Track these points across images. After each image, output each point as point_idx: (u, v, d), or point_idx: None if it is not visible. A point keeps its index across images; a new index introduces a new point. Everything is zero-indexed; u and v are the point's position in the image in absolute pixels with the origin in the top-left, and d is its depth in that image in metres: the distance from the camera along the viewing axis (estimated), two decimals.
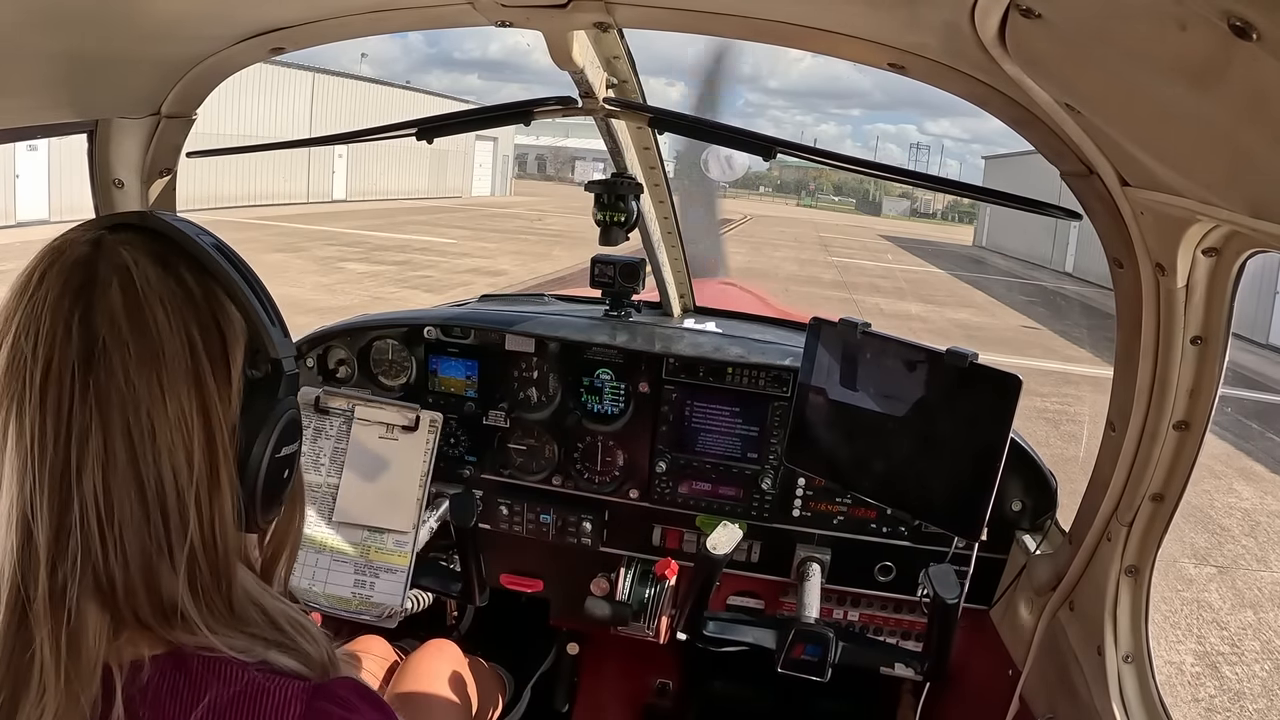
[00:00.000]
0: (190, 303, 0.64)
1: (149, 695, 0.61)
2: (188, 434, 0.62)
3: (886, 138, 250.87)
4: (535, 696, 2.24)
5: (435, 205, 29.03)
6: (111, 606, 0.61)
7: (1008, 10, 0.73)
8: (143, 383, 0.60)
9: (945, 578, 1.41)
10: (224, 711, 0.61)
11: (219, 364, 0.65)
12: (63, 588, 0.59)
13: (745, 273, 16.14)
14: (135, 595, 0.61)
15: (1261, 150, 0.60)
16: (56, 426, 0.59)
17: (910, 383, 1.44)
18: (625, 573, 1.92)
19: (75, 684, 0.58)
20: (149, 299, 0.62)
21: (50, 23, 0.96)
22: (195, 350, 0.63)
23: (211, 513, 0.63)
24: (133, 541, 0.60)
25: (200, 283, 0.66)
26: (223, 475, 0.64)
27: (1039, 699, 1.48)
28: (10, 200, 14.94)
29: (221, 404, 0.64)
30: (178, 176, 1.44)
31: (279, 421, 0.67)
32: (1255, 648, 4.25)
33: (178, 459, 0.61)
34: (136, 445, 0.60)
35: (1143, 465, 1.21)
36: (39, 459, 0.59)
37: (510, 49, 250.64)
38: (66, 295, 0.61)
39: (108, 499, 0.59)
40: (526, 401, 1.93)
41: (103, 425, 0.59)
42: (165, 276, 0.64)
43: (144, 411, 0.60)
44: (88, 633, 0.59)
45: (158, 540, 0.61)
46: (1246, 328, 14.13)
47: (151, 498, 0.61)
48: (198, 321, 0.64)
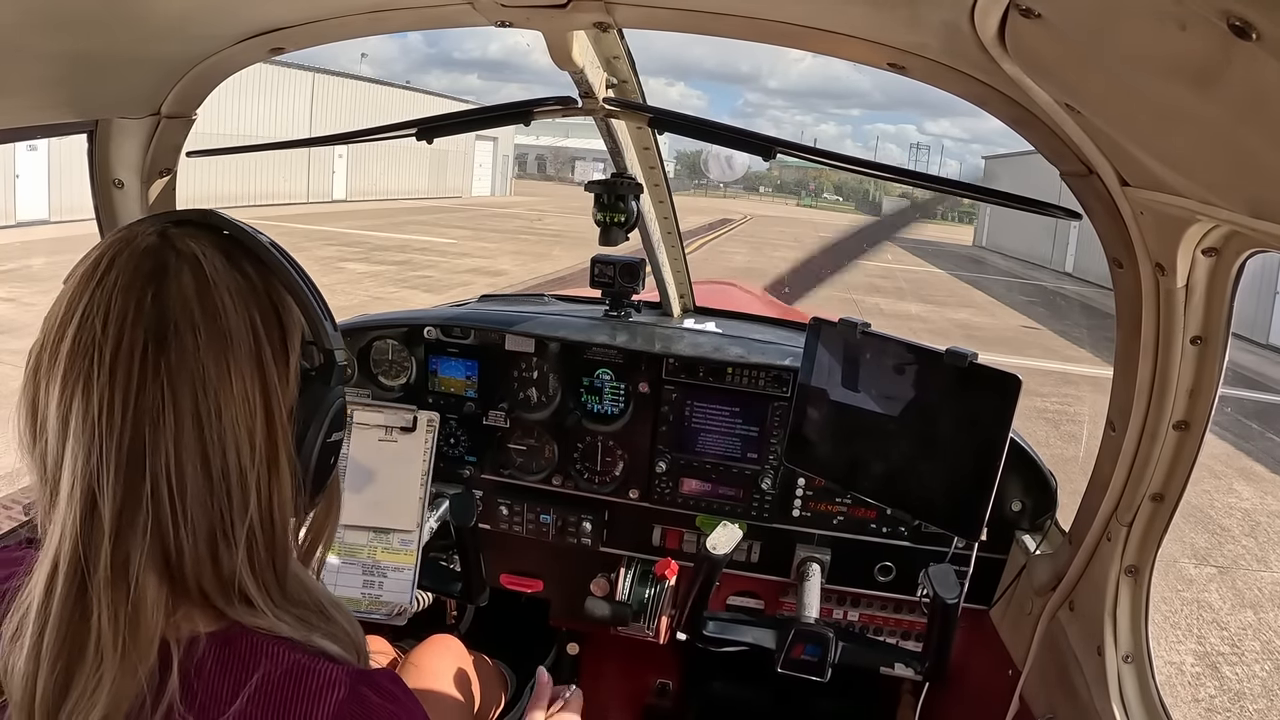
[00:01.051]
0: (253, 292, 0.68)
1: (204, 670, 0.63)
2: (250, 415, 0.65)
3: (886, 138, 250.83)
4: None
5: (435, 205, 29.03)
6: (172, 580, 0.63)
7: (1007, 10, 0.73)
8: (211, 363, 0.63)
9: (945, 578, 1.41)
10: (273, 689, 0.63)
11: (279, 350, 0.68)
12: (125, 560, 0.61)
13: (745, 273, 16.15)
14: (199, 568, 0.63)
15: (1261, 150, 0.60)
16: (126, 402, 0.61)
17: (910, 383, 1.44)
18: (625, 573, 1.92)
19: (133, 656, 0.60)
20: (218, 285, 0.65)
21: (50, 23, 0.96)
22: (258, 336, 0.66)
23: (270, 492, 0.66)
24: (199, 516, 0.63)
25: (261, 275, 0.69)
26: (281, 457, 0.67)
27: (1039, 699, 1.48)
28: (10, 200, 14.94)
29: (281, 388, 0.67)
30: (178, 176, 1.44)
31: (331, 408, 0.71)
32: (1255, 648, 4.25)
33: (241, 438, 0.64)
34: (204, 422, 0.62)
35: (1142, 465, 1.21)
36: (108, 433, 0.61)
37: (510, 49, 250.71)
38: (138, 279, 0.64)
39: (179, 473, 0.62)
40: (526, 401, 1.93)
41: (174, 402, 0.62)
42: (230, 267, 0.67)
43: (212, 391, 0.63)
44: (147, 605, 0.61)
45: (221, 515, 0.63)
46: (1246, 328, 14.12)
47: (217, 474, 0.63)
48: (259, 310, 0.67)
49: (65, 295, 0.66)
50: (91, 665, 0.60)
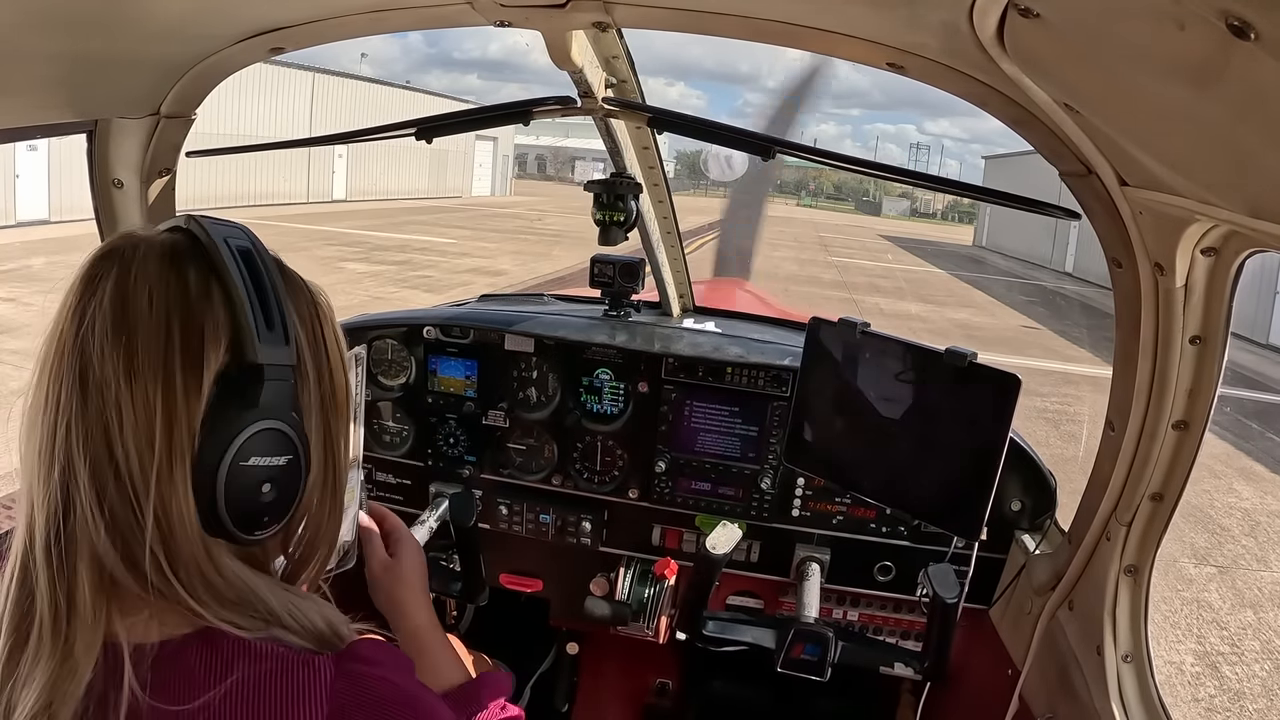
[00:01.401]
0: (181, 297, 0.65)
1: (163, 674, 0.63)
2: (150, 422, 0.63)
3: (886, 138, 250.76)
4: (535, 696, 2.24)
5: (435, 205, 29.02)
6: (106, 575, 0.63)
7: (1006, 10, 0.74)
8: (112, 363, 0.63)
9: (945, 577, 1.41)
10: (255, 687, 0.63)
11: (191, 358, 0.64)
12: (60, 552, 0.62)
13: None
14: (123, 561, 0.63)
15: (1260, 150, 0.61)
16: (48, 397, 0.64)
17: (910, 382, 1.44)
18: (625, 572, 1.92)
19: (75, 652, 0.61)
20: (137, 285, 0.65)
21: (50, 23, 0.96)
22: (171, 341, 0.64)
23: (169, 505, 0.64)
24: (114, 509, 0.63)
25: (201, 281, 0.66)
26: (177, 474, 0.64)
27: (1038, 699, 1.48)
28: (10, 200, 14.94)
29: (186, 397, 0.64)
30: (178, 176, 1.44)
31: (246, 428, 0.65)
32: (1255, 648, 4.25)
33: (141, 443, 0.63)
34: (107, 422, 0.63)
35: (1142, 465, 1.21)
36: (45, 429, 0.64)
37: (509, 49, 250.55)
38: (80, 282, 0.66)
39: (92, 470, 0.62)
40: (526, 401, 1.93)
41: (81, 399, 0.63)
42: (165, 270, 0.66)
43: (113, 392, 0.63)
44: (84, 596, 0.62)
45: (131, 513, 0.63)
46: (1246, 328, 14.12)
47: (122, 472, 0.63)
48: (180, 315, 0.65)
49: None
50: (31, 650, 0.62)
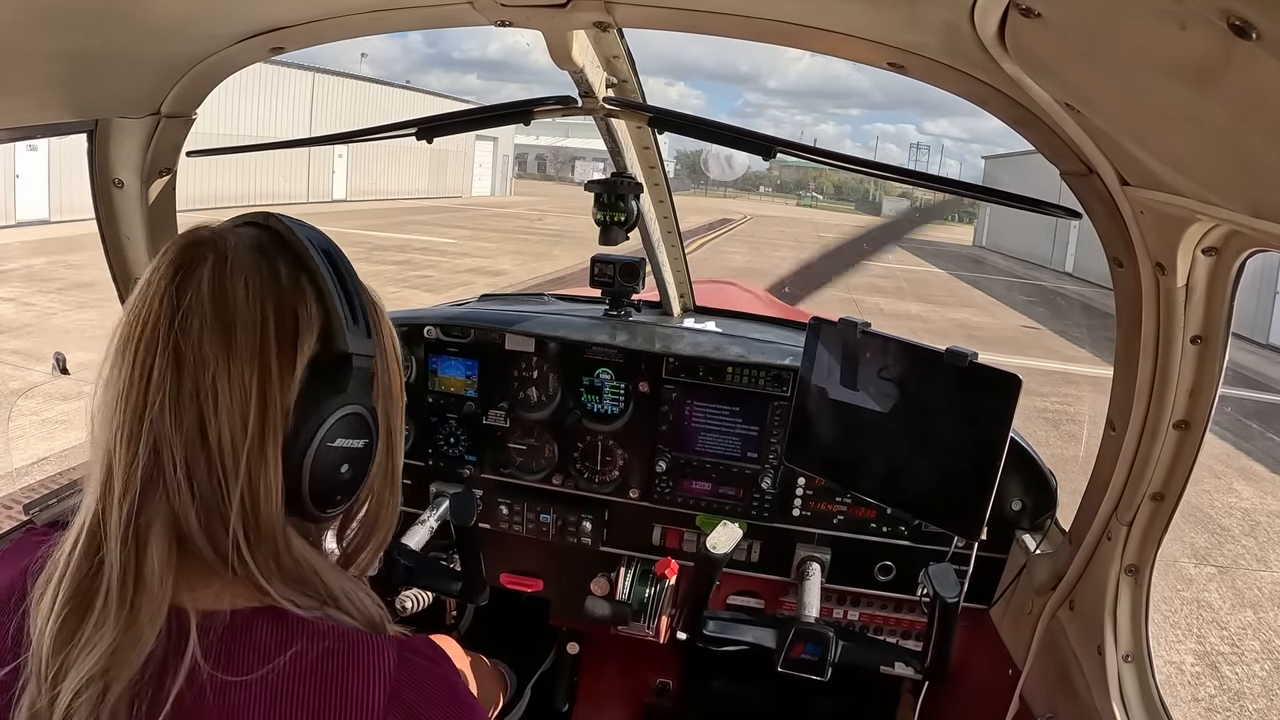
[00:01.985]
0: (274, 286, 0.70)
1: (226, 645, 0.65)
2: (245, 403, 0.67)
3: (886, 138, 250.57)
4: (535, 696, 2.24)
5: (435, 205, 29.02)
6: (181, 547, 0.66)
7: (1007, 9, 0.73)
8: (211, 348, 0.66)
9: (945, 577, 1.41)
10: (319, 662, 0.66)
11: (286, 346, 0.69)
12: (136, 524, 0.65)
13: (745, 272, 16.14)
14: (204, 536, 0.66)
15: (1261, 149, 0.60)
16: (136, 375, 0.66)
17: (910, 382, 1.44)
18: (625, 572, 1.92)
19: (140, 619, 0.63)
20: (234, 275, 0.68)
21: (50, 23, 0.96)
22: (266, 328, 0.68)
23: (256, 482, 0.67)
24: (202, 487, 0.66)
25: (291, 273, 0.71)
26: (269, 452, 0.68)
27: (1039, 698, 1.48)
28: (10, 200, 14.93)
29: (280, 382, 0.68)
30: (178, 176, 1.44)
31: (333, 414, 0.70)
32: (1255, 647, 4.25)
33: (234, 422, 0.66)
34: (201, 402, 0.66)
35: (1143, 465, 1.21)
36: (127, 410, 0.66)
37: (510, 49, 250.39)
38: (170, 270, 0.68)
39: (183, 444, 0.65)
40: (526, 401, 1.93)
41: (176, 378, 0.66)
42: (258, 260, 0.70)
43: (210, 374, 0.66)
44: (154, 567, 0.65)
45: (219, 489, 0.66)
46: (1246, 328, 14.11)
47: (213, 450, 0.66)
48: (274, 304, 0.69)
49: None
50: (97, 619, 0.63)
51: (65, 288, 9.68)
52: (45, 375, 6.32)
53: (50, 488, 1.51)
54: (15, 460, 4.90)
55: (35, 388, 6.09)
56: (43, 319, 8.27)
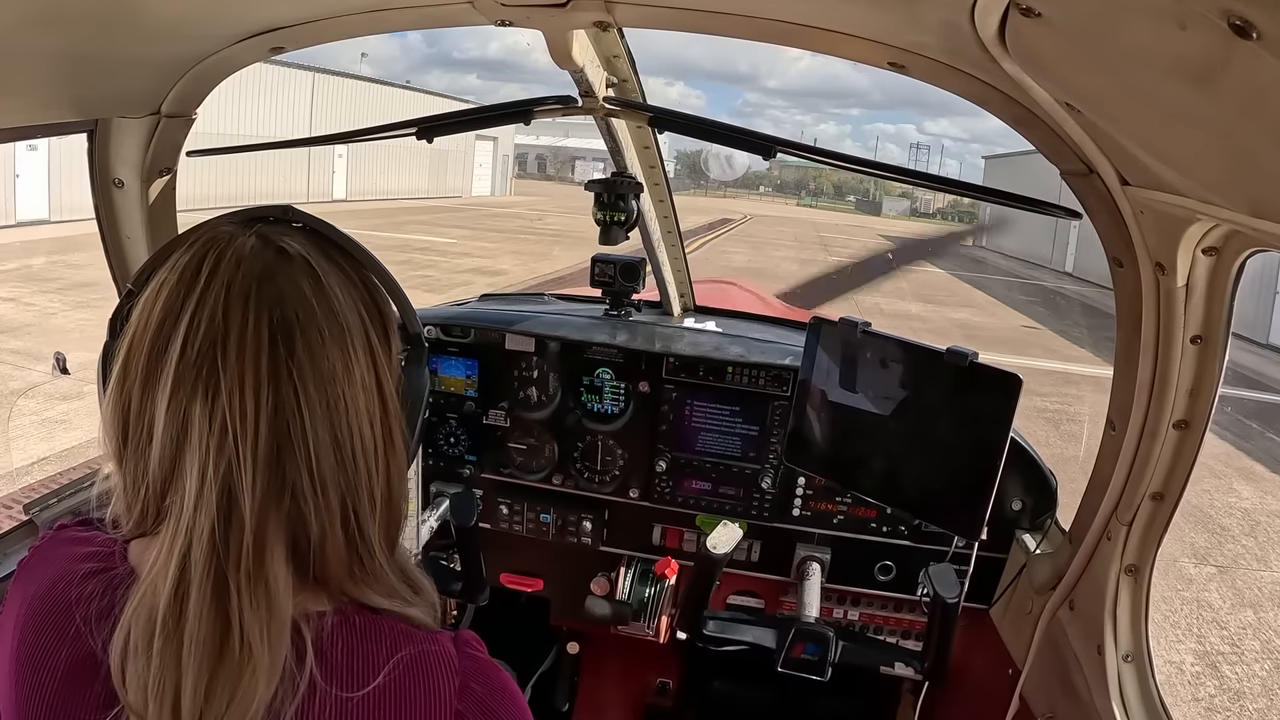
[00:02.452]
0: (353, 284, 0.71)
1: (334, 645, 0.65)
2: (371, 401, 0.68)
3: (886, 137, 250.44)
4: (536, 695, 2.24)
5: (435, 205, 29.01)
6: (300, 566, 0.65)
7: (1007, 9, 0.73)
8: (336, 355, 0.66)
9: (945, 577, 1.41)
10: (398, 663, 0.65)
11: (383, 336, 0.72)
12: (263, 555, 0.62)
13: (745, 272, 16.14)
14: (333, 550, 0.66)
15: (1261, 149, 0.60)
16: (259, 402, 0.62)
17: (910, 382, 1.44)
18: (625, 572, 1.92)
19: (277, 644, 0.61)
20: (329, 280, 0.68)
21: (50, 23, 0.96)
22: (366, 325, 0.70)
23: (389, 468, 0.69)
24: (335, 500, 0.65)
25: (354, 268, 0.73)
26: (396, 434, 0.71)
27: (1039, 698, 1.48)
28: (10, 200, 14.93)
29: (390, 371, 0.72)
30: (178, 176, 1.44)
31: (428, 385, 0.78)
32: (1255, 647, 4.25)
33: (363, 423, 0.67)
34: (334, 414, 0.65)
35: (1143, 464, 1.21)
36: (243, 434, 0.61)
37: (509, 48, 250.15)
38: (250, 282, 0.64)
39: (318, 462, 0.64)
40: (526, 401, 1.93)
41: (306, 396, 0.63)
42: (331, 264, 0.70)
43: (339, 381, 0.66)
44: (280, 594, 0.62)
45: (355, 495, 0.66)
46: (1246, 328, 14.10)
47: (348, 458, 0.66)
48: (362, 300, 0.71)
49: (158, 302, 0.65)
50: (239, 662, 0.59)
51: (65, 288, 9.68)
52: (45, 375, 6.33)
53: (50, 487, 1.50)
54: (15, 460, 4.90)
55: (35, 388, 6.09)
56: (43, 319, 8.27)
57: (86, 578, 0.66)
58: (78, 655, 0.63)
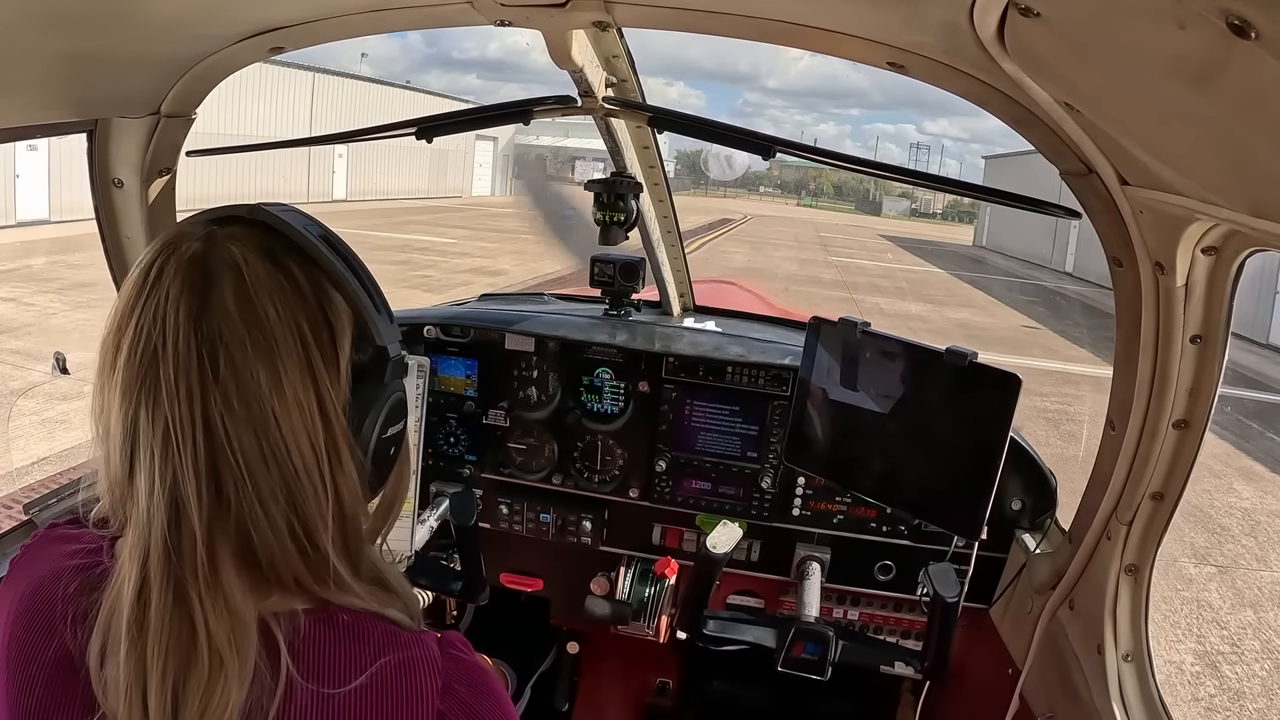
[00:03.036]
0: (299, 295, 0.67)
1: (311, 643, 0.65)
2: (306, 418, 0.65)
3: (886, 137, 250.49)
4: (535, 695, 2.24)
5: (435, 205, 29.02)
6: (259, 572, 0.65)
7: (1006, 9, 0.73)
8: (261, 373, 0.63)
9: (945, 576, 1.41)
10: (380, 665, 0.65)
11: (329, 351, 0.67)
12: (215, 561, 0.62)
13: (745, 272, 16.14)
14: (286, 561, 0.65)
15: (1260, 149, 0.60)
16: (193, 415, 0.62)
17: (910, 382, 1.44)
18: (625, 572, 1.92)
19: (245, 650, 0.61)
20: (259, 295, 0.64)
21: (50, 22, 0.96)
22: (305, 341, 0.66)
23: (339, 487, 0.67)
24: (277, 514, 0.64)
25: (308, 275, 0.68)
26: (344, 453, 0.67)
27: (1039, 698, 1.48)
28: (10, 200, 14.93)
29: (333, 388, 0.67)
30: (178, 176, 1.44)
31: (385, 404, 0.72)
32: (1255, 647, 4.25)
33: (301, 442, 0.64)
34: (263, 432, 0.63)
35: (1142, 464, 1.21)
36: (181, 444, 0.61)
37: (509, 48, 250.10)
38: (185, 290, 0.63)
39: (251, 477, 0.63)
40: (526, 400, 1.93)
41: (231, 416, 0.62)
42: (274, 271, 0.66)
43: (266, 400, 0.63)
44: (238, 599, 0.62)
45: (298, 510, 0.65)
46: (1246, 327, 14.11)
47: (289, 474, 0.64)
48: (305, 313, 0.66)
49: (119, 303, 0.66)
50: (210, 667, 0.60)
51: (65, 288, 9.68)
52: (45, 375, 6.33)
53: (50, 488, 1.50)
54: (15, 460, 4.90)
55: (35, 388, 6.09)
56: (43, 319, 8.27)
57: (73, 575, 0.67)
58: (63, 654, 0.64)
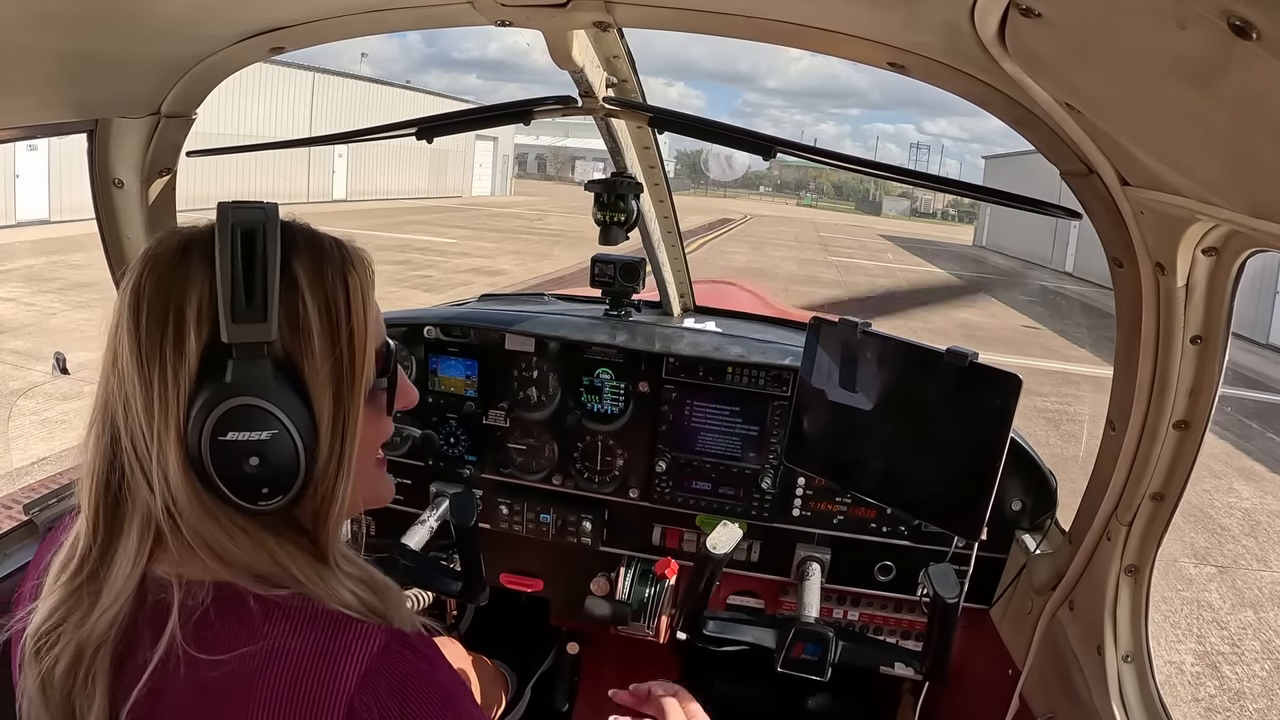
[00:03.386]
0: (176, 279, 0.70)
1: (206, 615, 0.68)
2: (148, 401, 0.69)
3: (886, 137, 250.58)
4: (535, 696, 2.24)
5: (435, 205, 29.02)
6: (153, 531, 0.71)
7: (1007, 9, 0.73)
8: (127, 346, 0.70)
9: (945, 577, 1.41)
10: (300, 634, 0.68)
11: (176, 342, 0.69)
12: (102, 499, 0.72)
13: (745, 272, 16.14)
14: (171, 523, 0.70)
15: (1261, 149, 0.60)
16: (102, 374, 0.73)
17: (910, 382, 1.44)
18: (625, 572, 1.92)
19: (113, 585, 0.71)
20: (148, 272, 0.71)
21: (50, 23, 0.96)
22: (165, 324, 0.69)
23: (166, 474, 0.69)
24: (137, 473, 0.71)
25: (200, 266, 0.70)
26: (169, 448, 0.69)
27: (1039, 698, 1.48)
28: (10, 200, 14.93)
29: (175, 379, 0.69)
30: (178, 176, 1.44)
31: (216, 406, 0.68)
32: (1255, 647, 4.25)
33: (140, 420, 0.70)
34: (126, 400, 0.70)
35: (1143, 464, 1.21)
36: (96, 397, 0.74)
37: (509, 48, 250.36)
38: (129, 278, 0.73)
39: (120, 434, 0.72)
40: (526, 401, 1.93)
41: (113, 377, 0.71)
42: (175, 256, 0.71)
43: (129, 372, 0.70)
44: (127, 541, 0.71)
45: (144, 477, 0.71)
46: (1246, 328, 14.11)
47: (133, 443, 0.71)
48: (175, 300, 0.69)
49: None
50: (78, 589, 0.71)
51: (65, 288, 9.69)
52: (45, 375, 6.32)
53: (50, 487, 1.50)
54: (15, 460, 4.90)
55: (35, 388, 6.09)
56: (43, 319, 8.27)
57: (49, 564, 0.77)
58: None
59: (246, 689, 0.66)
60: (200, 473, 0.69)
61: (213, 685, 0.66)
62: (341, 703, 0.65)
